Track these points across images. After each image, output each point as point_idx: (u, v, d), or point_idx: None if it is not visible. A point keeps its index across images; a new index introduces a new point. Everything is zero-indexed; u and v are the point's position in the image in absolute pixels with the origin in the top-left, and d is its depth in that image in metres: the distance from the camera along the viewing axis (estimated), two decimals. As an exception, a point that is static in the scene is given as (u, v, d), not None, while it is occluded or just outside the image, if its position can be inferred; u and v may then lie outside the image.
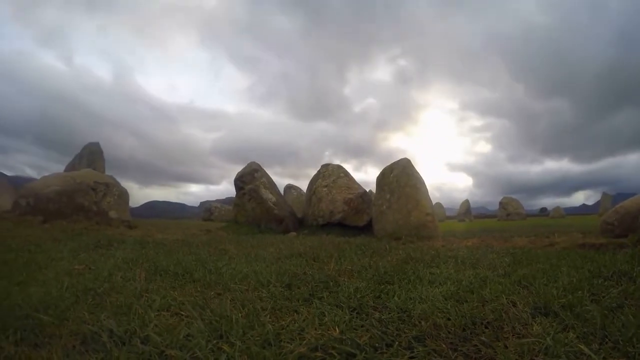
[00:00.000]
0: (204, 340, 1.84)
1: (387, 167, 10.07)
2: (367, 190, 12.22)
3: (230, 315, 2.20)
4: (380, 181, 10.08)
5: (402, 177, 9.44)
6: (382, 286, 3.04)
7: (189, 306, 2.41)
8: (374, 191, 11.00)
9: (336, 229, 10.56)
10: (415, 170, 9.67)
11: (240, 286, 3.04)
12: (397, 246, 6.12)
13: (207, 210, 27.29)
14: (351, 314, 2.33)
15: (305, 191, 14.10)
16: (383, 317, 2.26)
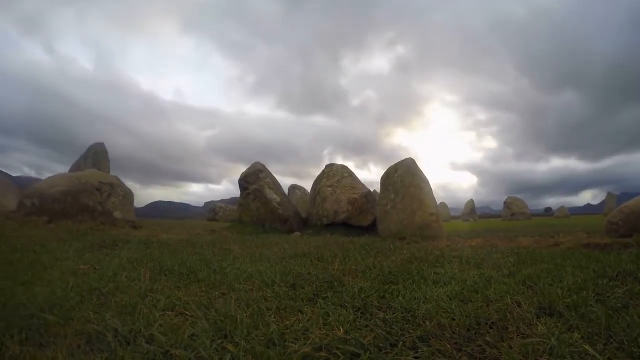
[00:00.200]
0: (209, 340, 1.85)
1: (391, 167, 10.06)
2: (372, 190, 12.22)
3: (235, 315, 2.20)
4: (384, 181, 10.08)
5: (406, 177, 9.44)
6: (387, 286, 3.03)
7: (193, 306, 2.43)
8: (378, 191, 11.00)
9: (341, 229, 10.56)
10: (420, 170, 9.67)
11: (244, 286, 3.05)
12: (401, 246, 6.11)
13: (211, 211, 27.38)
14: (356, 314, 2.33)
15: (309, 191, 14.11)
16: (387, 317, 2.26)
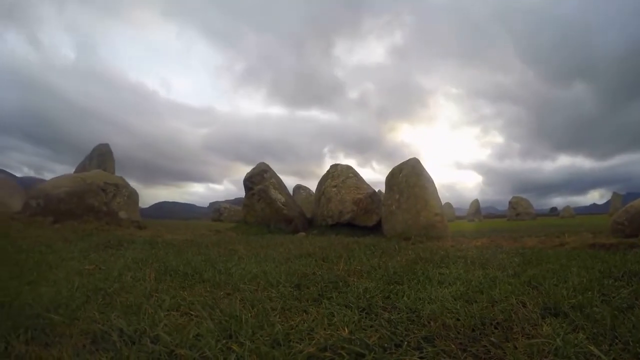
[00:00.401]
0: (214, 340, 1.86)
1: (396, 167, 10.05)
2: (376, 190, 12.22)
3: (240, 315, 2.21)
4: (389, 181, 10.07)
5: (411, 177, 9.42)
6: (392, 286, 3.03)
7: (198, 306, 2.44)
8: (382, 190, 10.98)
9: (345, 229, 10.55)
10: (425, 170, 9.66)
11: (249, 286, 3.05)
12: (406, 246, 6.10)
13: (216, 211, 27.46)
14: (360, 314, 2.33)
15: (314, 191, 14.12)
16: (392, 317, 2.26)
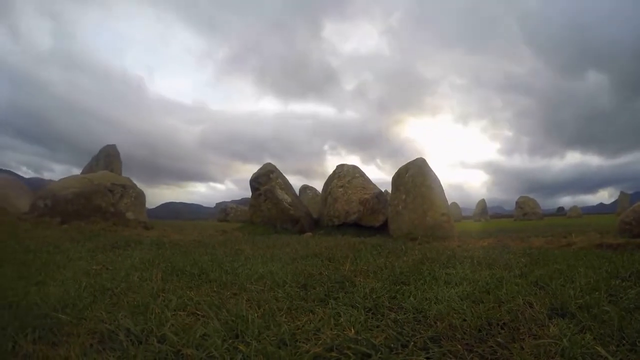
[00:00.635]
0: (220, 340, 1.87)
1: (402, 167, 10.04)
2: (383, 190, 12.21)
3: (246, 315, 2.22)
4: (395, 181, 10.06)
5: (417, 177, 9.40)
6: (398, 287, 3.02)
7: (205, 306, 2.44)
8: (388, 190, 10.97)
9: (352, 229, 10.54)
10: (431, 169, 9.64)
11: (256, 286, 3.06)
12: (413, 246, 6.09)
13: (222, 211, 27.60)
14: (367, 315, 2.33)
15: (320, 191, 14.13)
16: (399, 317, 2.25)
